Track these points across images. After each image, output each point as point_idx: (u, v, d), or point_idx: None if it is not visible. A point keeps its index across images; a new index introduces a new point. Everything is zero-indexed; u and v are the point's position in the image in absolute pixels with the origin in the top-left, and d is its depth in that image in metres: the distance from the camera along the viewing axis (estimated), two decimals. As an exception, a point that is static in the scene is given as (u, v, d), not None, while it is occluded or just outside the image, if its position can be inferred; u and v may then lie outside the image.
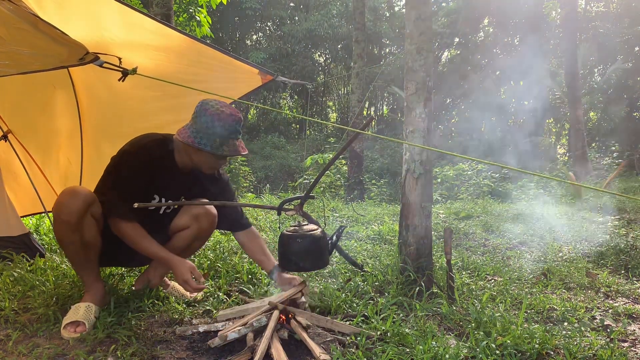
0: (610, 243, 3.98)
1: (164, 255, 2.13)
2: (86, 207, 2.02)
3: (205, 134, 2.07)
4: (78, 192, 2.03)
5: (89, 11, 2.40)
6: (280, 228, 2.31)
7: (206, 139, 2.07)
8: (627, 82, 16.49)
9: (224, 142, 2.10)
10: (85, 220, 2.03)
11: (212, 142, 2.07)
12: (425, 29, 2.66)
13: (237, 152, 2.15)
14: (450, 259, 2.51)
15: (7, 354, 1.80)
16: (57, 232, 2.06)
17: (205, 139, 2.07)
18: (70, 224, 1.99)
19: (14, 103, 3.31)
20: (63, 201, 2.00)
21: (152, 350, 1.85)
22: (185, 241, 2.39)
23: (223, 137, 2.09)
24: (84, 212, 2.01)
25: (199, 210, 2.36)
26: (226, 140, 2.10)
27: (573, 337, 2.04)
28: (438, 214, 5.66)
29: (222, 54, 2.79)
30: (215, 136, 2.08)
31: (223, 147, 2.10)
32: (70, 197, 2.00)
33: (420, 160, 2.63)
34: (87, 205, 2.02)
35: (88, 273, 2.15)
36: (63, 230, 2.02)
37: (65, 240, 2.05)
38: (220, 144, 2.09)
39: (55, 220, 2.03)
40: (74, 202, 1.99)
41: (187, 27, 8.46)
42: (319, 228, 2.14)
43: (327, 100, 25.72)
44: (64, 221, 1.99)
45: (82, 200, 2.01)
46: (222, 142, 2.09)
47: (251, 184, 11.57)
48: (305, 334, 1.92)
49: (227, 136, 2.10)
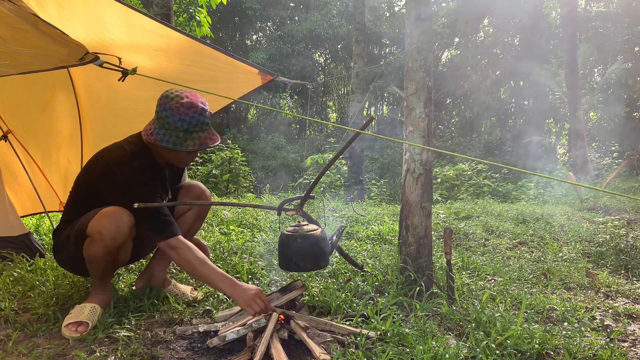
0: (610, 243, 3.98)
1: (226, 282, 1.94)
2: (130, 232, 1.98)
3: (168, 129, 1.95)
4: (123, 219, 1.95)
5: (89, 11, 2.40)
6: (280, 228, 2.31)
7: (168, 135, 1.95)
8: (627, 82, 16.49)
9: (187, 137, 1.97)
10: (126, 245, 2.03)
11: (174, 138, 1.95)
12: (425, 29, 2.66)
13: (204, 145, 2.01)
14: (450, 259, 2.51)
15: (7, 354, 1.80)
16: (92, 252, 1.98)
17: (167, 135, 1.95)
18: (111, 248, 1.96)
19: (14, 103, 3.30)
20: (107, 227, 1.92)
21: (152, 350, 1.85)
22: (189, 222, 2.46)
23: (186, 131, 1.96)
24: (127, 238, 1.99)
25: (196, 192, 2.42)
26: (189, 134, 1.97)
27: (573, 337, 2.04)
28: (438, 214, 5.66)
29: (222, 54, 2.79)
30: (178, 131, 1.95)
31: (187, 142, 1.97)
32: (116, 224, 1.93)
33: (420, 160, 2.63)
34: (130, 229, 1.98)
35: (105, 281, 2.15)
36: (101, 253, 1.97)
37: (96, 260, 2.01)
38: (183, 139, 1.96)
39: (94, 242, 1.95)
40: (119, 229, 1.93)
41: (187, 27, 8.46)
42: (319, 228, 2.14)
43: (327, 100, 25.72)
44: (106, 246, 1.94)
45: (128, 227, 1.96)
46: (186, 137, 1.97)
47: (251, 184, 11.57)
48: (305, 334, 1.92)
49: (190, 130, 1.97)
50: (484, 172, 10.74)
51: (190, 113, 1.95)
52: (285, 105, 24.77)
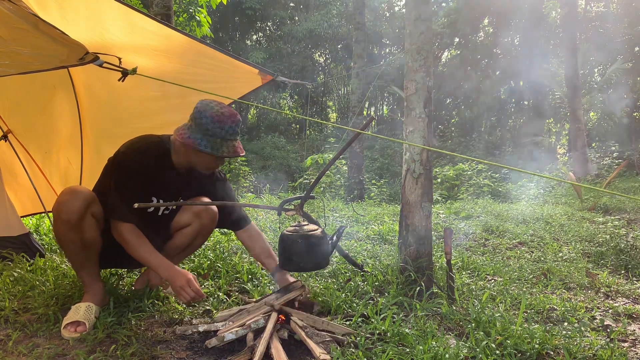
0: (610, 243, 3.98)
1: (162, 265, 2.10)
2: (86, 206, 2.02)
3: (206, 135, 2.08)
4: (78, 192, 2.03)
5: (89, 11, 2.40)
6: (281, 228, 2.31)
7: (206, 140, 2.09)
8: (627, 82, 16.48)
9: (223, 144, 2.12)
10: (86, 220, 2.03)
11: (212, 143, 2.09)
12: (425, 29, 2.66)
13: (236, 153, 2.18)
14: (450, 259, 2.51)
15: (7, 354, 1.80)
16: (57, 231, 2.05)
17: (205, 140, 2.09)
18: (70, 223, 1.99)
19: (14, 103, 3.30)
20: (63, 200, 2.00)
21: (152, 350, 1.85)
22: (187, 238, 2.43)
23: (223, 138, 2.11)
24: (84, 211, 2.01)
25: (200, 207, 2.38)
26: (225, 142, 2.12)
27: (573, 337, 2.04)
28: (438, 214, 5.66)
29: (222, 54, 2.79)
30: (216, 137, 2.09)
31: (222, 149, 2.12)
32: (70, 196, 2.01)
33: (420, 160, 2.63)
34: (87, 204, 2.02)
35: (88, 273, 2.15)
36: (63, 229, 2.02)
37: (65, 240, 2.05)
38: (220, 145, 2.11)
39: (55, 220, 2.03)
40: (74, 201, 1.99)
41: (187, 27, 8.47)
42: (319, 228, 2.14)
43: (327, 100, 25.72)
44: (64, 220, 1.99)
45: (82, 199, 2.01)
46: (222, 144, 2.12)
47: (251, 184, 11.57)
48: (303, 333, 1.92)
49: (227, 137, 2.12)
50: (484, 172, 10.74)
51: (230, 122, 2.10)
52: (285, 105, 24.77)
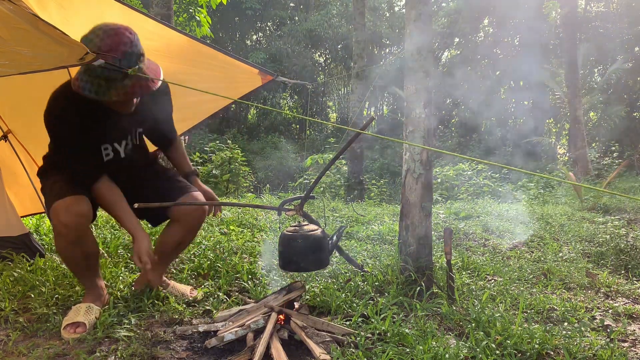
0: (610, 243, 3.98)
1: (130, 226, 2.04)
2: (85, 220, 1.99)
3: (89, 76, 1.69)
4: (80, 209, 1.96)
5: (89, 11, 2.40)
6: (281, 228, 2.31)
7: (90, 82, 1.70)
8: (627, 82, 16.48)
9: (111, 86, 1.70)
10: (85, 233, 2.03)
11: (96, 86, 1.70)
12: (425, 29, 2.66)
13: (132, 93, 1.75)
14: (450, 259, 2.51)
15: (7, 354, 1.80)
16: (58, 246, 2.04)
17: (89, 82, 1.69)
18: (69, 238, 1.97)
19: (14, 103, 3.30)
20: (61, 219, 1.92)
21: (152, 350, 1.85)
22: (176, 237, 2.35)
23: (108, 79, 1.69)
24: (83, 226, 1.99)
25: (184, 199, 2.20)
26: (112, 82, 1.70)
27: (573, 337, 2.04)
28: (438, 214, 5.66)
29: (222, 54, 2.79)
30: (99, 79, 1.69)
31: (110, 92, 1.71)
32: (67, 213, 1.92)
33: (420, 160, 2.63)
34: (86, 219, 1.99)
35: (89, 278, 2.15)
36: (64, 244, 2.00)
37: (66, 255, 2.05)
38: (107, 88, 1.70)
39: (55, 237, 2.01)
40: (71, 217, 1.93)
41: (187, 27, 8.47)
42: (319, 228, 2.14)
43: (327, 100, 25.71)
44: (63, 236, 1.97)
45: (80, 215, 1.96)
46: (109, 86, 1.70)
47: (251, 184, 11.57)
48: (304, 334, 1.92)
49: (112, 77, 1.68)
50: (484, 172, 10.74)
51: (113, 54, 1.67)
52: (285, 105, 24.76)
